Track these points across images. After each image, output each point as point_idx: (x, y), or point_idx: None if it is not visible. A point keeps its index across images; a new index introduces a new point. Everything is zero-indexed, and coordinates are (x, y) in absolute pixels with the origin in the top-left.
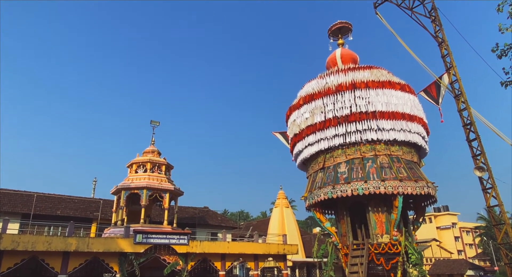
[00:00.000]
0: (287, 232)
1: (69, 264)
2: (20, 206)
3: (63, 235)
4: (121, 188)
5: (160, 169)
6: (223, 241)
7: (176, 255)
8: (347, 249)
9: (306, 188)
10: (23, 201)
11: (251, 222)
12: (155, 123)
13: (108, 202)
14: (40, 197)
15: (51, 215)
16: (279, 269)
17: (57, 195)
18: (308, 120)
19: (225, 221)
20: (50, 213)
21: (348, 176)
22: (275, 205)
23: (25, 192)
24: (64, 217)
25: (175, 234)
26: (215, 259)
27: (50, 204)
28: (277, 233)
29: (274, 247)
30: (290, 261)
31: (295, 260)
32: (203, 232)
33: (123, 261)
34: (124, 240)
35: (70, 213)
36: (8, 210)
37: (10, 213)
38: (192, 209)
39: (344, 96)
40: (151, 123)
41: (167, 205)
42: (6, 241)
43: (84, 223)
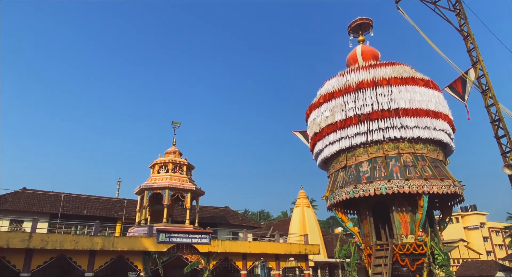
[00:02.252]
0: (308, 232)
1: (95, 263)
2: (48, 206)
3: (89, 234)
4: (144, 188)
5: (182, 169)
6: (244, 241)
7: (198, 254)
8: (370, 250)
9: (327, 188)
10: (51, 201)
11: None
12: (176, 124)
13: (132, 202)
14: (67, 198)
15: (78, 214)
16: (300, 269)
17: (83, 196)
18: (328, 119)
19: (246, 220)
20: (77, 213)
21: (371, 175)
22: (295, 205)
23: (53, 192)
24: (90, 217)
25: (197, 234)
26: (237, 258)
27: (76, 204)
28: (298, 233)
29: (296, 247)
30: (312, 261)
31: (317, 260)
32: (224, 232)
33: (147, 260)
34: (148, 239)
35: (95, 212)
36: (37, 210)
37: (39, 213)
38: (213, 208)
39: (365, 94)
40: (172, 124)
41: (188, 204)
42: (36, 240)
43: (109, 223)
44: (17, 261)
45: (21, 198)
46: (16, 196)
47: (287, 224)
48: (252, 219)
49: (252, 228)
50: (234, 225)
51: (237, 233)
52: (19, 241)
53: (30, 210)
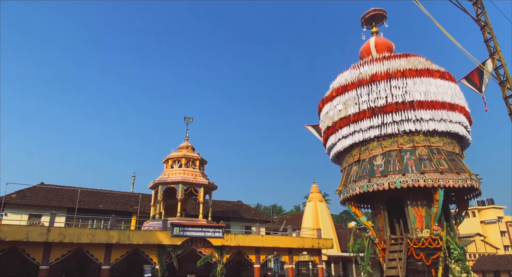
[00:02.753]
0: (321, 226)
1: (112, 256)
2: (65, 201)
3: (106, 228)
4: (158, 183)
5: (195, 164)
6: (257, 235)
7: (211, 247)
8: (384, 244)
9: (340, 182)
10: (68, 196)
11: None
12: (189, 120)
13: (147, 196)
14: (83, 192)
15: (94, 209)
16: (314, 263)
17: (99, 190)
18: (341, 112)
19: (259, 215)
20: (93, 207)
21: (385, 169)
22: (308, 199)
23: (70, 187)
24: (106, 211)
25: (210, 227)
26: (250, 252)
27: (93, 199)
28: (311, 227)
29: (309, 241)
30: (325, 255)
31: (330, 255)
32: (237, 226)
33: (162, 253)
34: (162, 233)
35: (111, 207)
36: (55, 204)
37: (56, 207)
38: (226, 203)
39: (379, 86)
40: (185, 119)
41: (202, 199)
42: (54, 234)
43: (124, 217)
44: (36, 254)
45: (39, 193)
46: (34, 191)
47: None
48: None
49: (265, 222)
50: (247, 219)
51: (250, 227)
52: (38, 235)
53: (48, 205)
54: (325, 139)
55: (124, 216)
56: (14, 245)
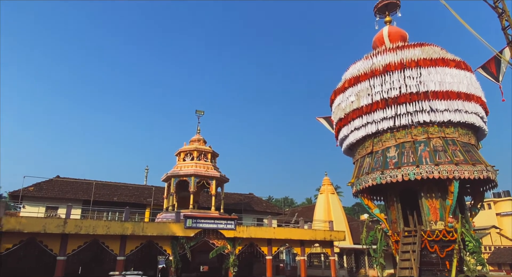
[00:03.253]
0: (333, 218)
1: (127, 247)
2: (81, 194)
3: (120, 220)
4: (171, 176)
5: (206, 157)
6: (269, 227)
7: (224, 239)
8: (397, 236)
9: (352, 174)
10: (83, 188)
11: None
12: (200, 113)
13: (160, 189)
14: (98, 185)
15: (109, 201)
16: (326, 255)
17: (113, 183)
18: (353, 104)
19: (270, 207)
20: (108, 200)
21: (398, 161)
22: (320, 191)
23: (85, 180)
24: (120, 203)
25: (222, 219)
26: (262, 244)
27: (107, 191)
28: (323, 219)
29: (321, 233)
30: (337, 247)
31: (342, 247)
32: (249, 218)
33: (175, 244)
34: (176, 225)
35: (125, 199)
36: (70, 197)
37: (72, 200)
38: (237, 195)
39: (392, 77)
40: (196, 112)
41: (214, 191)
42: (70, 226)
43: (138, 209)
44: (53, 245)
45: (55, 186)
46: (51, 184)
47: (311, 210)
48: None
49: (277, 214)
50: (259, 212)
51: (262, 219)
52: (55, 227)
53: (64, 197)
54: (337, 131)
55: (138, 208)
56: (32, 236)
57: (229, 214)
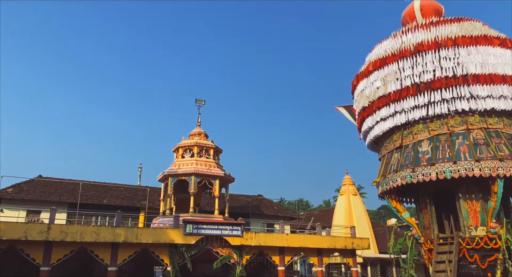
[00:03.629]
0: (355, 223)
1: (119, 256)
2: (66, 195)
3: (111, 225)
4: (167, 175)
5: (208, 153)
6: (281, 233)
7: (229, 247)
8: (431, 244)
9: (378, 172)
10: (69, 190)
11: (312, 212)
12: (201, 102)
13: (155, 190)
14: (86, 186)
15: (98, 204)
16: (347, 265)
17: (102, 183)
18: (379, 90)
19: (282, 210)
20: (97, 202)
21: (432, 156)
22: (340, 192)
23: (70, 180)
24: (111, 206)
25: (227, 225)
26: (273, 252)
27: (96, 193)
28: (344, 224)
29: (341, 240)
30: (360, 257)
31: (366, 256)
32: (258, 223)
33: (174, 253)
34: (174, 231)
35: (116, 202)
36: (54, 199)
37: (57, 203)
38: (244, 197)
39: (425, 58)
40: (196, 102)
41: (217, 192)
42: (55, 232)
43: (131, 213)
44: (36, 254)
45: (37, 187)
46: (32, 185)
47: (330, 214)
48: (289, 209)
49: (290, 219)
50: (269, 216)
51: (273, 225)
52: (37, 233)
53: (47, 200)
54: (360, 122)
55: (131, 212)
56: (12, 244)
57: (235, 219)
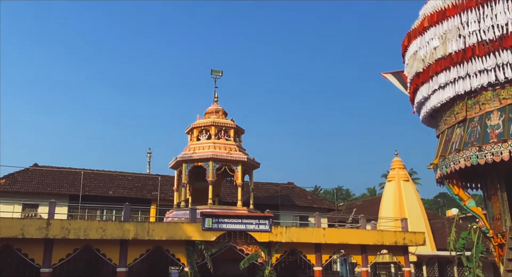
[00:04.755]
0: (407, 215)
1: (128, 255)
2: (66, 186)
3: (119, 220)
4: (181, 161)
5: (228, 134)
6: (316, 227)
7: (256, 244)
8: (502, 238)
9: (436, 152)
10: (69, 180)
11: (353, 202)
12: (217, 74)
13: (168, 178)
14: (88, 175)
15: (102, 196)
16: (398, 265)
17: (107, 172)
18: (438, 51)
19: (318, 201)
20: (101, 194)
21: (504, 131)
22: (388, 178)
23: (71, 169)
24: (117, 198)
25: (253, 218)
26: (307, 250)
27: (100, 183)
28: (393, 216)
29: (390, 235)
30: (413, 254)
31: (421, 254)
32: (289, 216)
33: (192, 252)
34: (191, 226)
35: (124, 193)
36: (53, 191)
37: (56, 195)
38: (272, 185)
39: (495, 8)
40: (212, 73)
41: (240, 180)
42: (55, 228)
43: (141, 205)
44: (35, 254)
45: (33, 177)
46: (27, 175)
47: (376, 204)
48: (326, 199)
49: (327, 210)
50: (302, 207)
51: (306, 218)
52: (36, 230)
53: (45, 192)
54: (412, 91)
55: (141, 205)
56: (8, 243)
57: (261, 211)
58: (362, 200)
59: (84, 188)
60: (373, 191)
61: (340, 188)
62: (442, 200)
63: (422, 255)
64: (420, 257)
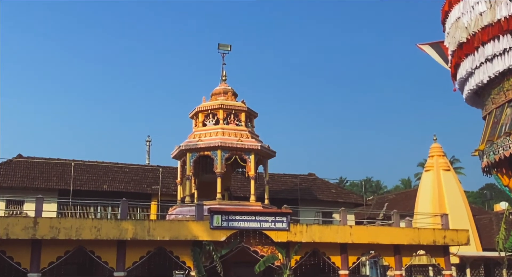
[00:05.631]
0: (448, 210)
1: (127, 258)
2: (55, 180)
3: (115, 218)
4: (185, 150)
5: (239, 119)
6: (342, 225)
7: (272, 245)
8: None
9: (482, 136)
10: (58, 173)
11: (385, 196)
12: (225, 48)
13: (170, 170)
14: (79, 167)
15: (96, 190)
16: (437, 268)
17: (101, 163)
18: (484, 17)
19: (343, 194)
20: (95, 188)
21: None
22: (425, 167)
23: (59, 160)
24: (113, 193)
25: (268, 215)
26: (332, 251)
27: (93, 176)
28: (431, 211)
29: (428, 234)
30: (455, 255)
31: (464, 255)
32: (310, 212)
33: (198, 253)
34: (197, 224)
35: (120, 187)
36: (40, 185)
37: (43, 190)
38: (290, 177)
39: None
40: (219, 48)
41: (253, 172)
42: (44, 228)
43: (140, 201)
44: (21, 257)
45: (17, 170)
46: (10, 167)
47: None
48: (352, 192)
49: (354, 205)
50: (325, 202)
51: (330, 214)
52: (21, 230)
53: (31, 186)
54: (454, 65)
55: (140, 200)
56: None
57: (278, 207)
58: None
59: (75, 181)
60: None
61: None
62: (489, 193)
63: (466, 256)
64: (464, 258)
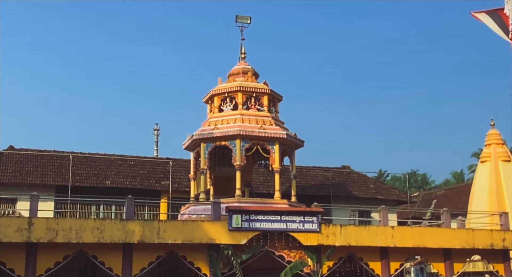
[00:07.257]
0: (508, 208)
1: (134, 263)
2: (51, 175)
3: (120, 218)
4: (199, 139)
5: (261, 103)
6: (382, 226)
7: (300, 249)
8: None
9: None
10: (54, 166)
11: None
12: (244, 21)
13: (182, 163)
14: (78, 160)
15: (98, 186)
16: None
17: (102, 156)
18: None
19: (383, 190)
20: (96, 184)
21: None
22: (481, 158)
23: (56, 152)
24: (117, 190)
25: (295, 214)
26: (370, 256)
27: (94, 170)
28: (489, 210)
29: (484, 236)
30: None
31: None
32: (345, 211)
33: (215, 259)
34: (214, 225)
35: (125, 182)
36: (35, 181)
37: (39, 186)
38: (320, 171)
39: None
40: (237, 20)
41: (277, 164)
42: (40, 229)
43: (148, 198)
44: (15, 263)
45: (8, 164)
46: (1, 161)
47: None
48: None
49: (396, 203)
50: (362, 199)
51: (368, 213)
52: (15, 232)
53: (24, 182)
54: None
55: (148, 198)
56: None
57: (307, 205)
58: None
59: (74, 177)
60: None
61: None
62: None
63: None
64: None
